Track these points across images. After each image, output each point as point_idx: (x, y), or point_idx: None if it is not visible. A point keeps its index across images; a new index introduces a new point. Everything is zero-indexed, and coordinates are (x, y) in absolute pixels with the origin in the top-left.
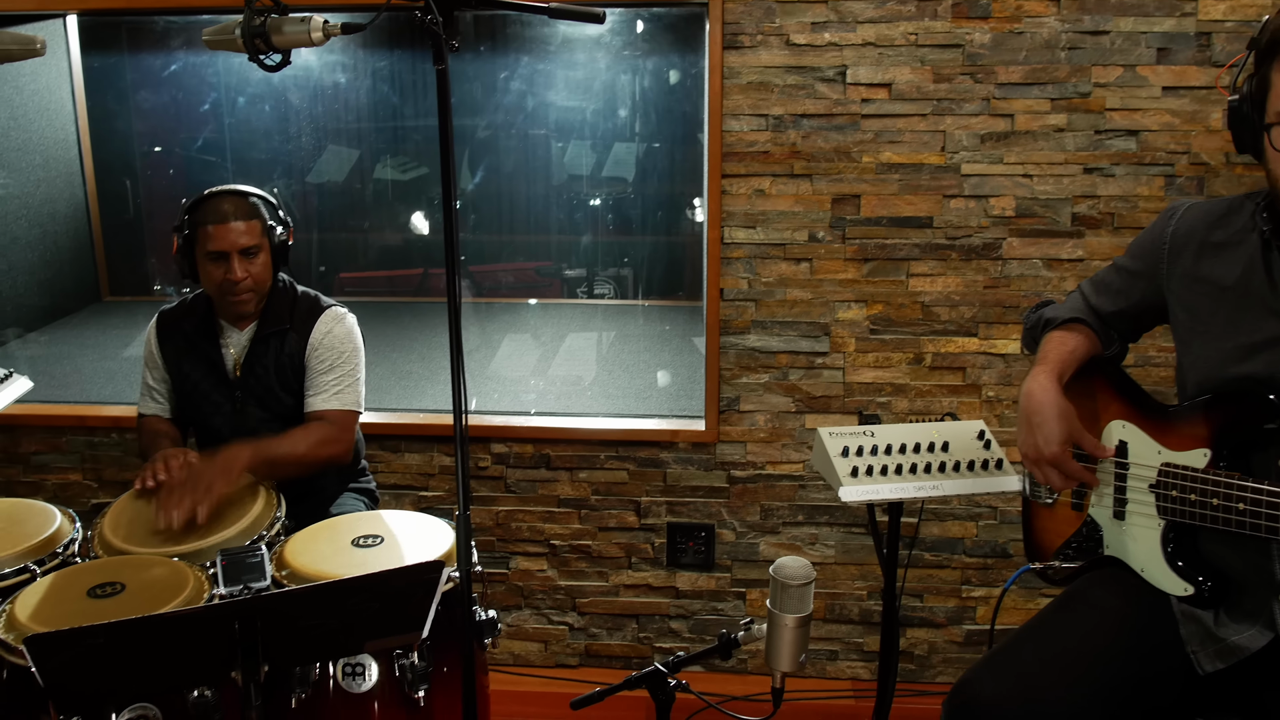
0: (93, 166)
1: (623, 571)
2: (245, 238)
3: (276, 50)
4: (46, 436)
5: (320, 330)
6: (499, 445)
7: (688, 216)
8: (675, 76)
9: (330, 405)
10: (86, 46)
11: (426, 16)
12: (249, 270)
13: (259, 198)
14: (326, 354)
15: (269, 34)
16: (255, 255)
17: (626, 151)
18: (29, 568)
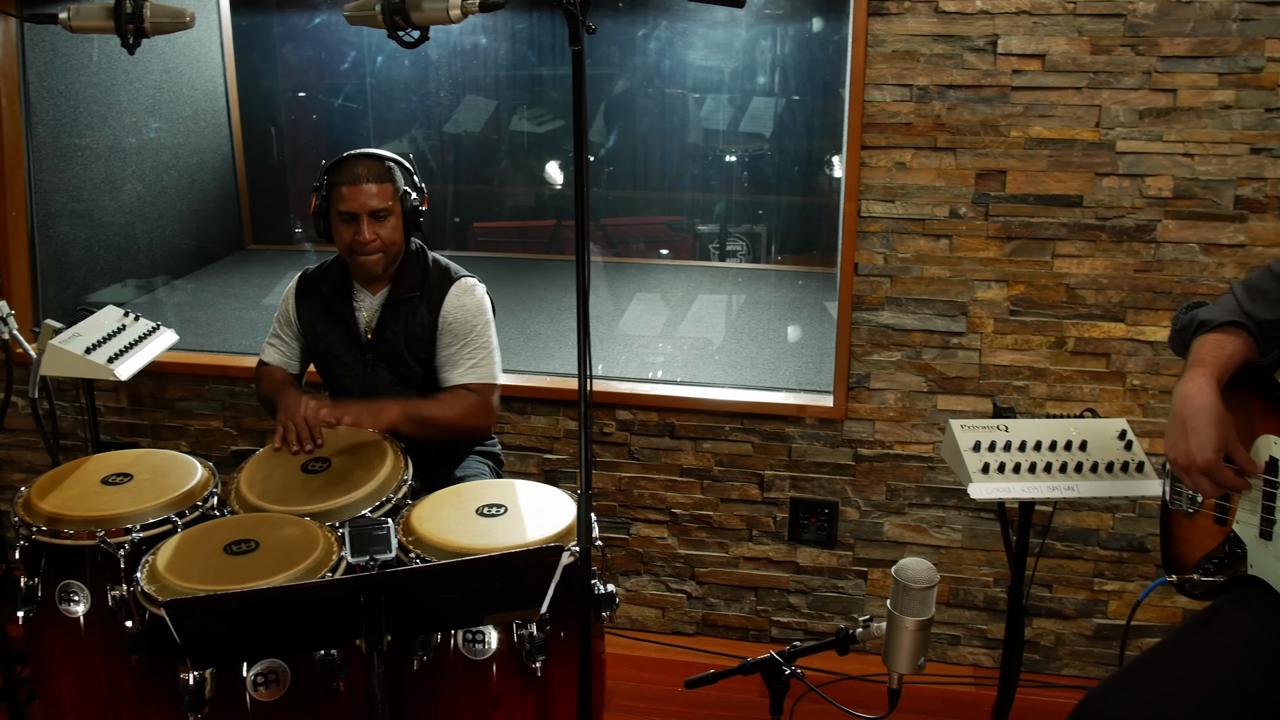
0: (239, 119)
1: (743, 544)
2: (376, 200)
3: (415, 27)
4: (190, 384)
5: (451, 302)
6: (624, 412)
7: (825, 177)
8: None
9: (469, 379)
10: (236, 4)
11: None
12: (377, 232)
13: (395, 162)
14: (460, 328)
15: (408, 10)
16: (385, 218)
17: (764, 107)
18: (171, 519)
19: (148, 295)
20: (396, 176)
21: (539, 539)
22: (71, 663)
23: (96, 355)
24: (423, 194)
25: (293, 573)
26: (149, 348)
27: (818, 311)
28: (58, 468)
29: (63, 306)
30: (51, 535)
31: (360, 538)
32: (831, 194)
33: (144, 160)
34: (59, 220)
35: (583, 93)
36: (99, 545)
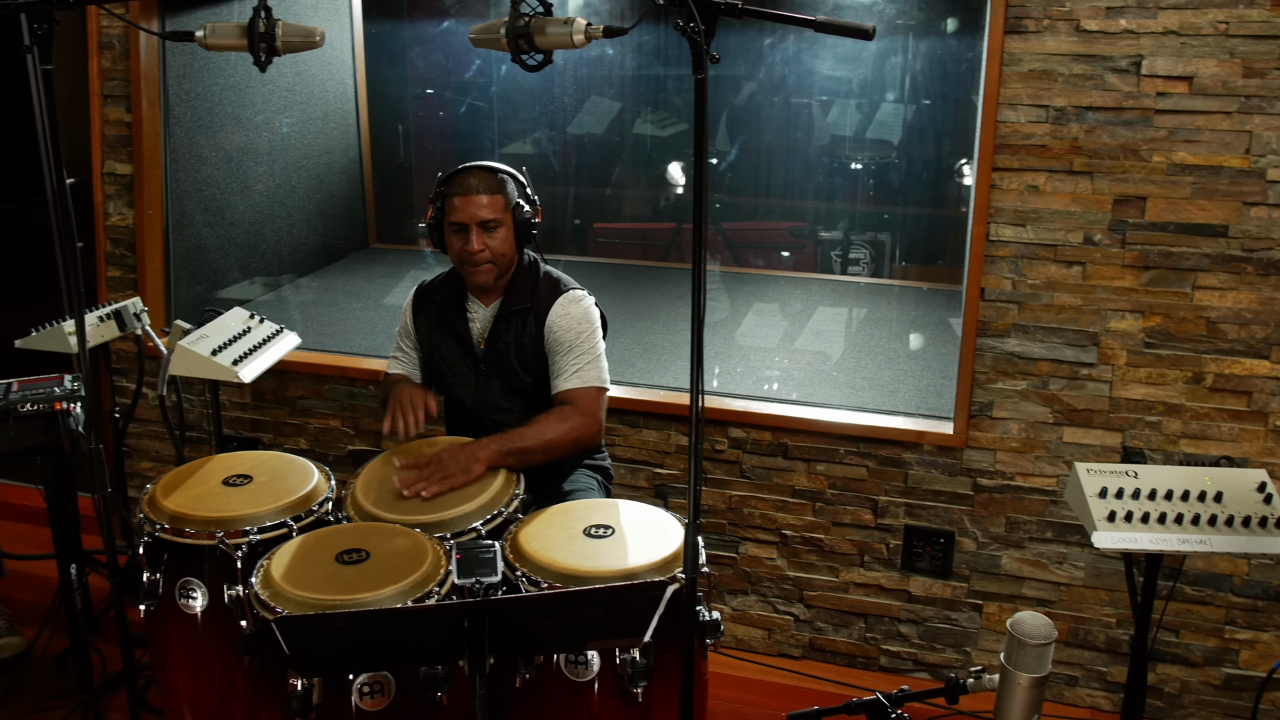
0: (368, 120)
1: (854, 569)
2: (486, 211)
3: (539, 51)
4: (311, 383)
5: (556, 312)
6: (737, 430)
7: (954, 186)
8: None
9: (574, 385)
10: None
11: (689, 24)
12: (487, 243)
13: (508, 175)
14: (564, 335)
15: (532, 35)
16: (495, 230)
17: (893, 114)
18: (287, 523)
19: (273, 293)
20: (509, 188)
21: (645, 564)
22: (188, 657)
23: (222, 357)
24: (536, 206)
25: (400, 586)
26: (272, 350)
27: (941, 330)
28: (182, 466)
29: (194, 303)
30: (174, 534)
31: (467, 559)
32: (960, 205)
33: (274, 160)
34: (192, 219)
35: (704, 120)
36: (218, 546)
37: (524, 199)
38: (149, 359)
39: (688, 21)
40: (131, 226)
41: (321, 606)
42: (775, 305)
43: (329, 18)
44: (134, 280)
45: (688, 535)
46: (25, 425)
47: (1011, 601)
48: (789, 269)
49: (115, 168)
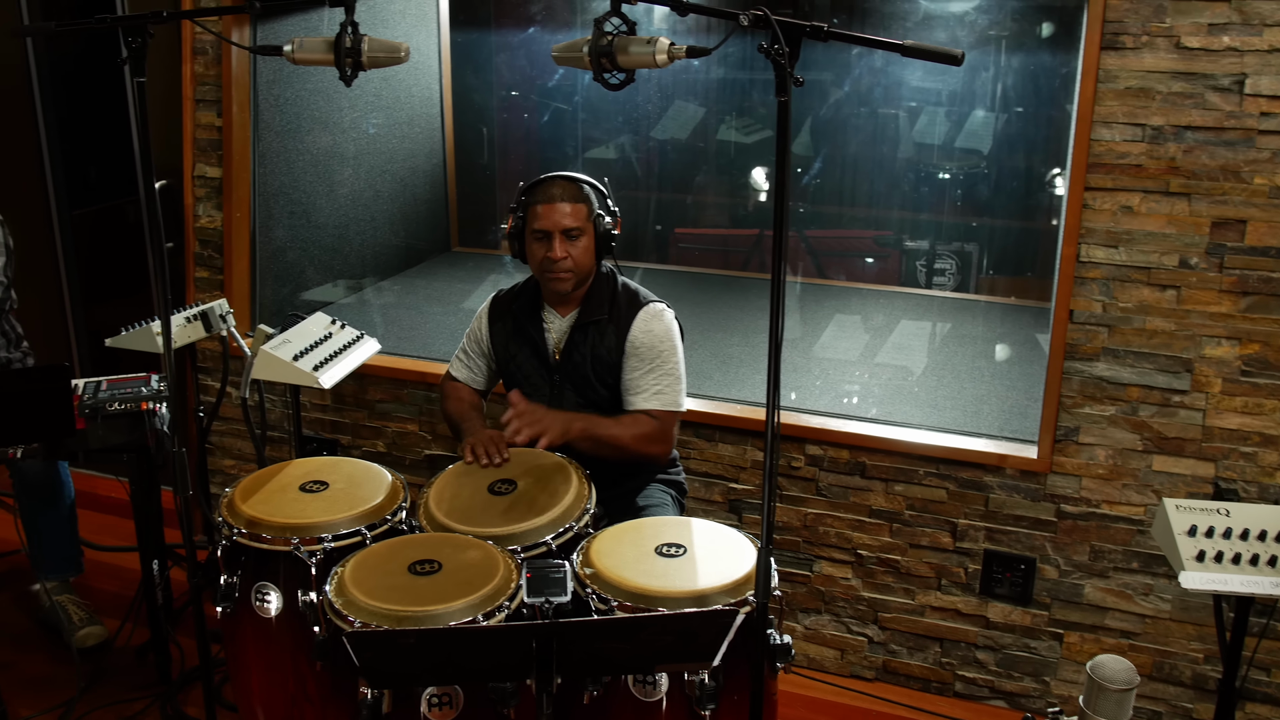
0: (452, 125)
1: (931, 592)
2: (569, 219)
3: (621, 70)
4: (390, 387)
5: (639, 327)
6: (814, 447)
7: (1043, 201)
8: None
9: (652, 405)
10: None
11: (774, 47)
12: (569, 251)
13: (590, 185)
14: (646, 352)
15: (615, 54)
16: (577, 238)
17: (983, 123)
18: (361, 531)
19: (355, 295)
20: (591, 199)
21: (716, 586)
22: (262, 659)
23: (303, 362)
24: (616, 218)
25: (471, 599)
26: (352, 356)
27: (1027, 348)
28: (260, 470)
29: (278, 304)
30: (250, 539)
31: (538, 578)
32: (1051, 218)
33: (360, 164)
34: (279, 221)
35: (786, 142)
36: (293, 552)
37: (605, 209)
38: (233, 359)
39: (772, 44)
40: (220, 229)
41: (393, 617)
42: (857, 318)
43: (416, 25)
44: (221, 281)
45: (760, 558)
46: (113, 424)
47: (1094, 632)
48: (871, 281)
49: (205, 171)
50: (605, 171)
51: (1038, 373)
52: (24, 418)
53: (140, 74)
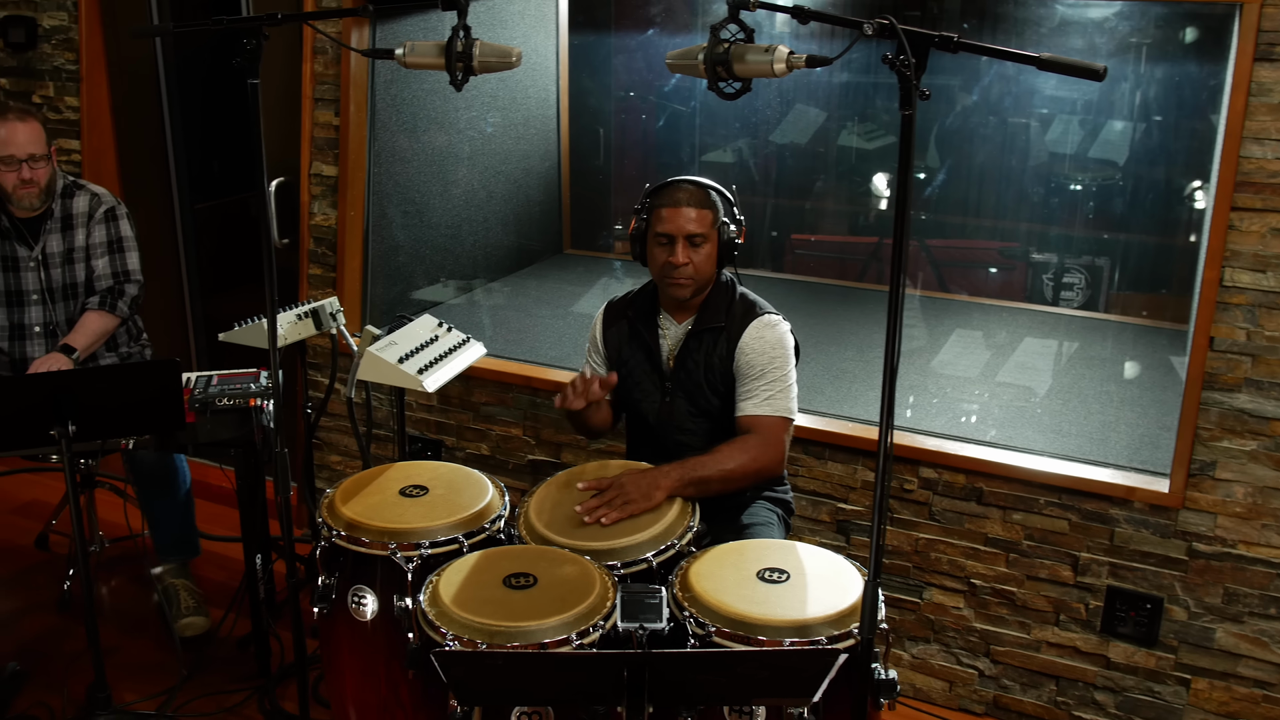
0: (568, 127)
1: (1048, 627)
2: (694, 225)
3: (737, 79)
4: (496, 390)
5: (750, 335)
6: (928, 470)
7: (1182, 216)
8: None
9: (762, 412)
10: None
11: (899, 57)
12: (691, 257)
13: (717, 192)
14: (757, 359)
15: (731, 62)
16: (700, 245)
17: (1119, 133)
18: (459, 539)
19: (465, 296)
20: (718, 206)
21: (819, 617)
22: (356, 662)
23: (408, 365)
24: (741, 227)
25: (565, 617)
26: (458, 360)
27: (1160, 373)
28: (362, 473)
29: (389, 303)
30: (349, 541)
31: (632, 603)
32: (1190, 234)
33: (474, 164)
34: (391, 221)
35: (909, 157)
36: (390, 557)
37: (730, 218)
38: (342, 356)
39: (898, 54)
40: (334, 226)
41: (485, 631)
42: (978, 334)
43: (535, 26)
44: (334, 279)
45: (867, 590)
46: (221, 418)
47: (1224, 680)
48: (994, 295)
49: (322, 169)
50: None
51: (1172, 400)
52: (135, 410)
53: (254, 75)
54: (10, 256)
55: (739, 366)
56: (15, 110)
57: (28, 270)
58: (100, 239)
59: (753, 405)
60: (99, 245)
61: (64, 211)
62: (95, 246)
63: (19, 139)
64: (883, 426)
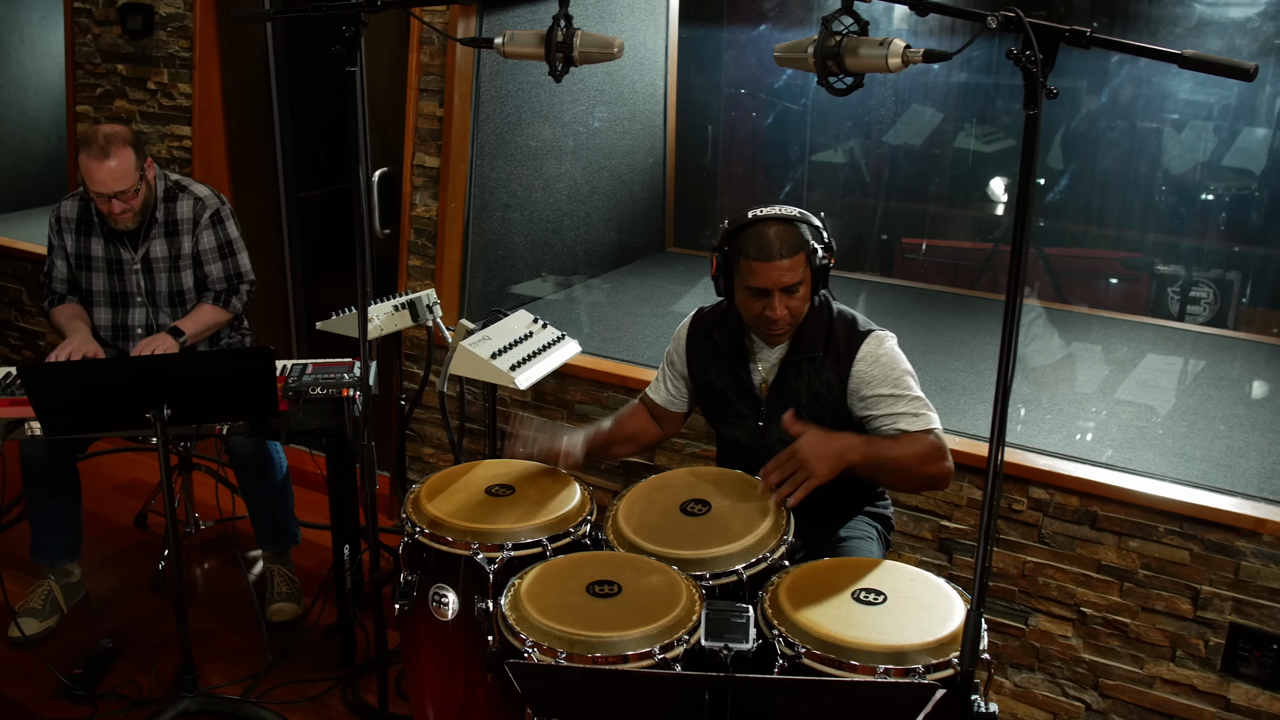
0: (675, 123)
1: (1163, 663)
2: (789, 276)
3: (849, 74)
4: (590, 389)
5: (865, 360)
6: (1038, 490)
7: None
8: None
9: (918, 427)
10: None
11: (1024, 53)
12: (788, 306)
13: (805, 224)
14: (880, 382)
15: (843, 56)
16: (796, 290)
17: (1259, 141)
18: (543, 542)
19: (564, 291)
20: (808, 243)
21: (916, 644)
22: (435, 661)
23: (501, 361)
24: (831, 251)
25: (648, 629)
26: (551, 357)
27: None
28: (449, 469)
29: (488, 297)
30: (432, 539)
31: (717, 621)
32: None
33: (578, 158)
34: (492, 214)
35: (1033, 161)
36: (472, 557)
37: (820, 245)
38: (437, 349)
39: (1024, 50)
40: (434, 218)
41: (565, 640)
42: (1097, 348)
43: (645, 19)
44: (433, 271)
45: (969, 618)
46: (314, 407)
47: None
48: (1115, 307)
49: (424, 160)
50: (832, 176)
51: None
52: (229, 397)
53: (352, 63)
54: (115, 259)
55: (861, 391)
56: (100, 146)
57: (131, 273)
58: (210, 244)
59: (906, 425)
60: (209, 251)
61: (167, 216)
62: (206, 253)
63: (101, 177)
64: (993, 443)
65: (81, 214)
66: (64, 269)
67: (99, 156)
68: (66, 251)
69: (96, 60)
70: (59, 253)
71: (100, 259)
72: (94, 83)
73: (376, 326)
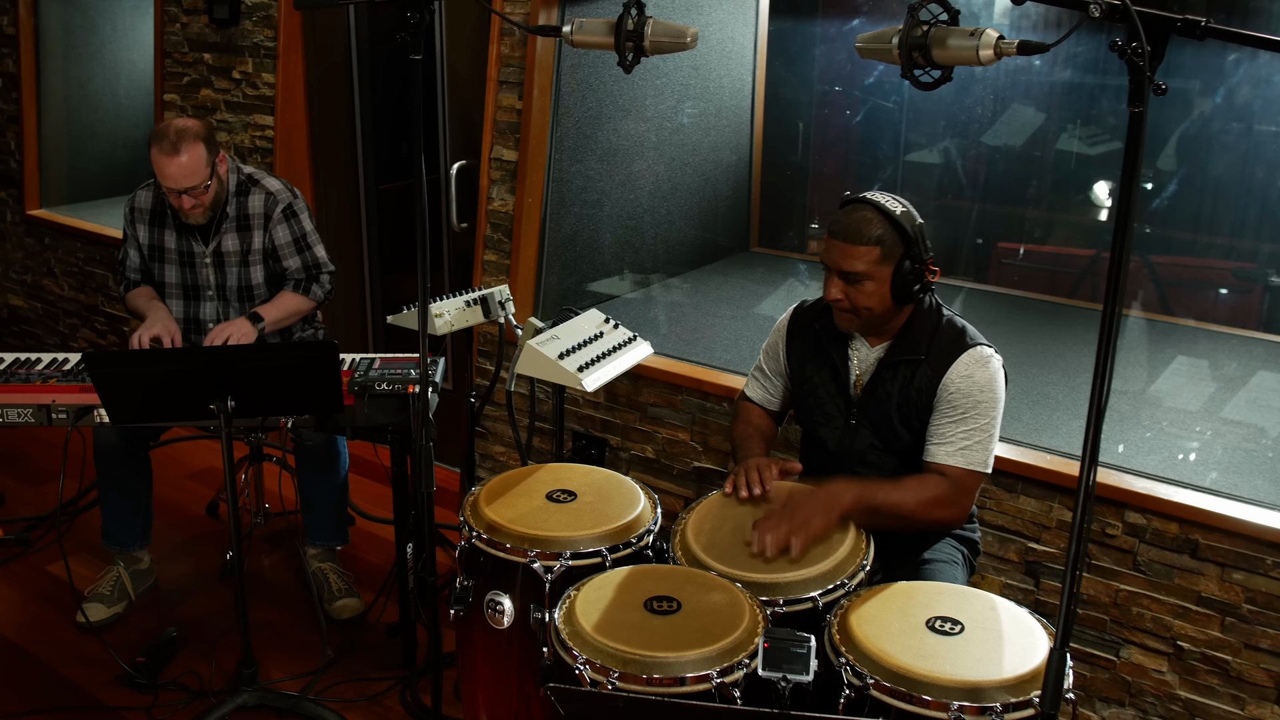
0: (762, 121)
1: (1266, 704)
2: (849, 263)
3: (936, 67)
4: (664, 391)
5: (958, 371)
6: (1135, 514)
7: None
8: None
9: (954, 461)
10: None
11: (1130, 45)
12: (846, 293)
13: (899, 224)
14: (961, 400)
15: (930, 47)
16: (859, 283)
17: None
18: (602, 553)
19: (642, 290)
20: (889, 241)
21: (994, 680)
22: (490, 669)
23: (569, 361)
24: (925, 263)
25: (707, 651)
26: (622, 359)
27: None
28: (510, 472)
29: (563, 294)
30: (489, 545)
31: (776, 650)
32: None
33: (660, 155)
34: (570, 209)
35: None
36: (529, 565)
37: (910, 256)
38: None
39: (1129, 41)
40: (511, 213)
41: (619, 658)
42: (1203, 363)
43: (734, 12)
44: (508, 266)
45: (1053, 656)
46: (379, 403)
47: None
48: (1224, 321)
49: (502, 153)
50: (926, 179)
51: None
52: (293, 390)
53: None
54: (187, 252)
55: (939, 402)
56: (170, 141)
57: (202, 266)
58: (285, 239)
59: (945, 453)
60: (285, 245)
61: (239, 211)
62: (282, 247)
63: (171, 173)
64: (1085, 463)
65: (155, 205)
66: (137, 259)
67: (169, 152)
68: (139, 242)
69: (184, 49)
70: (132, 243)
71: (173, 251)
72: (181, 71)
73: (447, 322)
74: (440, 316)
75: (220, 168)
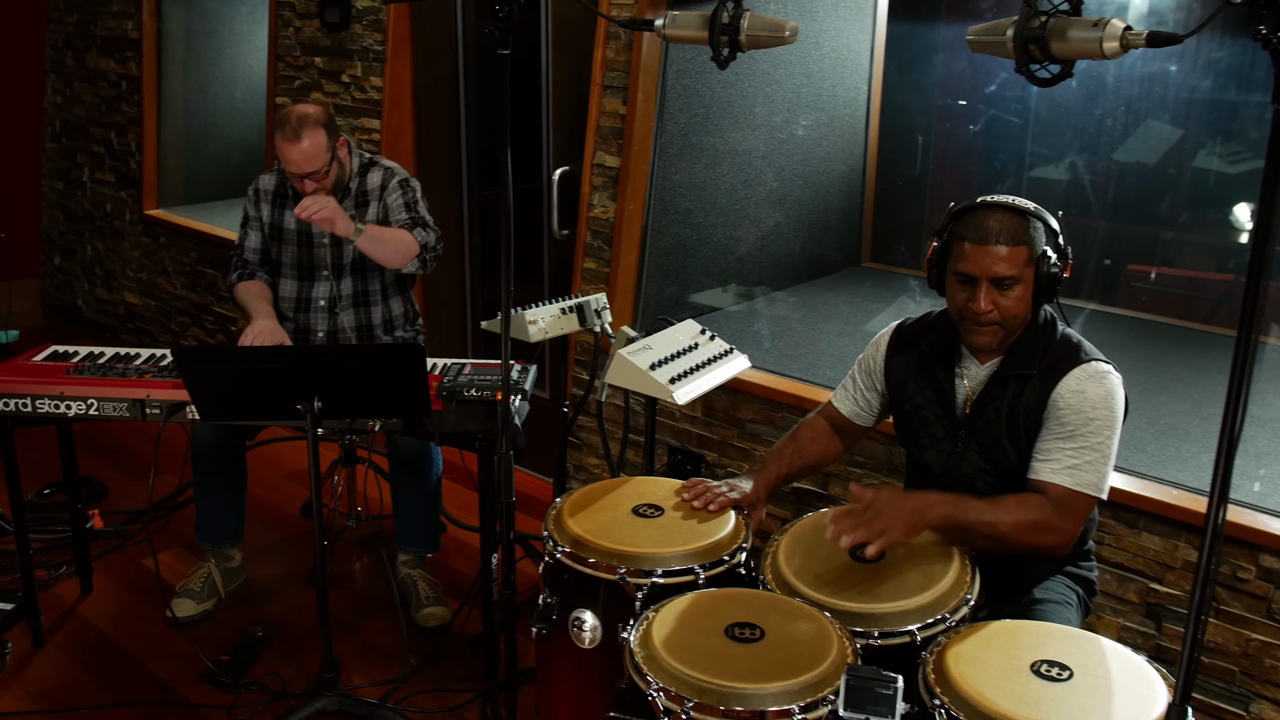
0: (877, 131)
1: None
2: (1003, 266)
3: (1055, 61)
4: (764, 408)
5: (1069, 385)
6: (1270, 558)
7: None
8: None
9: (1060, 480)
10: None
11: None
12: (997, 302)
13: (1038, 219)
14: (1071, 416)
15: (1048, 40)
16: (1010, 288)
17: None
18: (694, 570)
19: (745, 303)
20: (1036, 238)
21: None
22: (572, 690)
23: (660, 373)
24: (1066, 260)
25: (789, 685)
26: (716, 372)
27: None
28: (595, 484)
29: (663, 304)
30: (573, 559)
31: (859, 690)
32: None
33: (769, 164)
34: (673, 218)
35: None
36: (618, 581)
37: (1054, 248)
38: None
39: (1274, 30)
40: (612, 220)
41: (695, 687)
42: None
43: (850, 16)
44: (608, 274)
45: (1171, 714)
46: (467, 409)
47: None
48: None
49: (605, 159)
50: (1051, 195)
51: None
52: (380, 393)
53: (505, 46)
54: (306, 232)
55: (1048, 418)
56: (293, 127)
57: (319, 246)
58: (397, 201)
59: (1051, 470)
60: (396, 207)
61: (360, 188)
62: (393, 209)
63: (293, 158)
64: (1213, 500)
65: (279, 187)
66: (257, 239)
67: (291, 138)
68: (262, 222)
69: (296, 53)
70: (254, 223)
71: (292, 231)
72: (293, 75)
73: (541, 329)
74: (535, 323)
75: (340, 151)
